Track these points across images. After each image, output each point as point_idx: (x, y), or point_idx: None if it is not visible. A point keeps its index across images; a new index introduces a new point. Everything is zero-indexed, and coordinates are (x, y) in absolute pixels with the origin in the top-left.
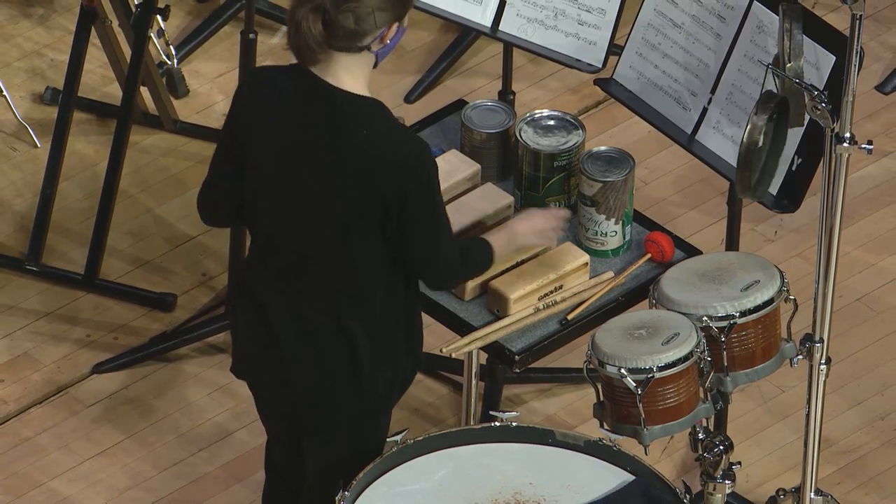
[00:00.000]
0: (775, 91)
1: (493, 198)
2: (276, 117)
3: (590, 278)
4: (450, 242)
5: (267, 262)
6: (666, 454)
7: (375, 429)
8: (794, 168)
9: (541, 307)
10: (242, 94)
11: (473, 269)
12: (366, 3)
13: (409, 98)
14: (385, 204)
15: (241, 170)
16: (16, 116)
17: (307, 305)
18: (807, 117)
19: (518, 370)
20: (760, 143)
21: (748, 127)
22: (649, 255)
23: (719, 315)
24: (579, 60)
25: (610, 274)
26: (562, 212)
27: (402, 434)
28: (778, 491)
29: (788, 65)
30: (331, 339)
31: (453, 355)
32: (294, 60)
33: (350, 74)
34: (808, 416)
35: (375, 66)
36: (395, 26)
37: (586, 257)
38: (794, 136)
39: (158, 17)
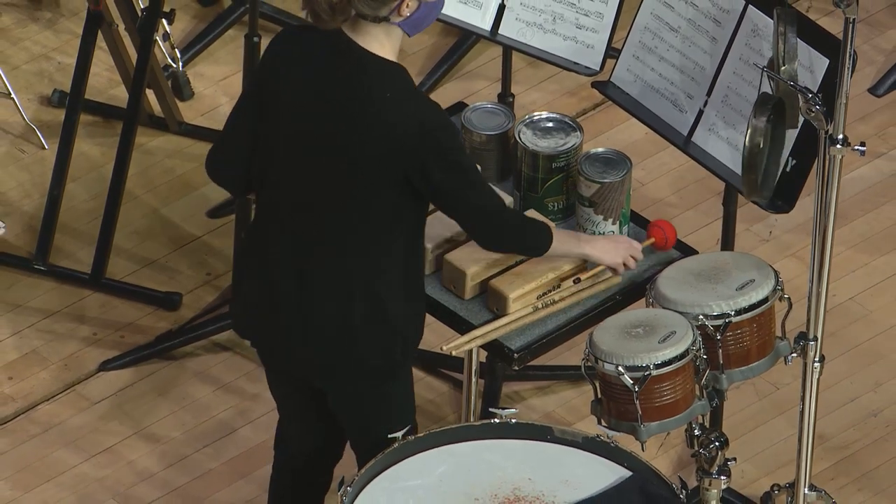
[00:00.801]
0: (771, 93)
1: None
2: (303, 72)
3: (588, 277)
4: (488, 200)
5: (275, 216)
6: (662, 450)
7: (382, 381)
8: (788, 169)
9: (540, 306)
10: (273, 47)
11: (526, 237)
12: None
13: None
14: (403, 165)
15: (257, 123)
16: (24, 118)
17: (309, 260)
18: (801, 119)
19: (517, 368)
20: (762, 145)
21: (749, 130)
22: (652, 240)
23: (715, 314)
24: (577, 63)
25: (607, 273)
26: (639, 248)
27: (404, 431)
28: (772, 486)
29: (783, 68)
30: (327, 292)
31: (454, 353)
32: None
33: (377, 41)
34: (802, 412)
35: (410, 35)
36: (411, 1)
37: None
38: (789, 137)
39: (164, 21)
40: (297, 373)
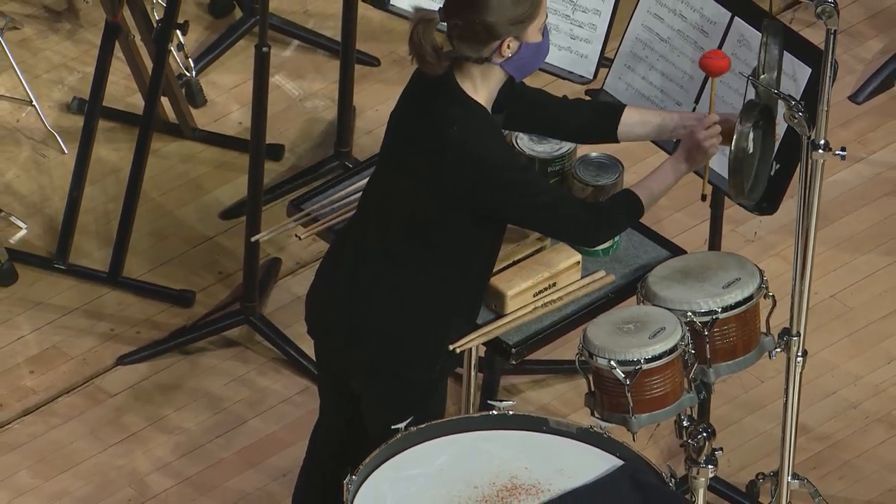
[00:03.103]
0: (756, 100)
1: None
2: (410, 91)
3: (582, 276)
4: (568, 220)
5: (359, 221)
6: (652, 441)
7: (417, 392)
8: (772, 173)
9: (539, 305)
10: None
11: (620, 224)
12: (472, 18)
13: None
14: (466, 199)
15: None
16: (45, 125)
17: (370, 268)
18: (783, 126)
19: (514, 362)
20: (750, 150)
21: (735, 136)
22: (711, 75)
23: (703, 310)
24: (572, 72)
25: (601, 273)
26: (707, 120)
27: (406, 422)
28: (757, 475)
29: (762, 76)
30: (379, 301)
31: (458, 350)
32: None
33: (470, 79)
34: (785, 405)
35: (518, 80)
36: (511, 41)
37: (578, 256)
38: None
39: (178, 32)
40: (338, 368)
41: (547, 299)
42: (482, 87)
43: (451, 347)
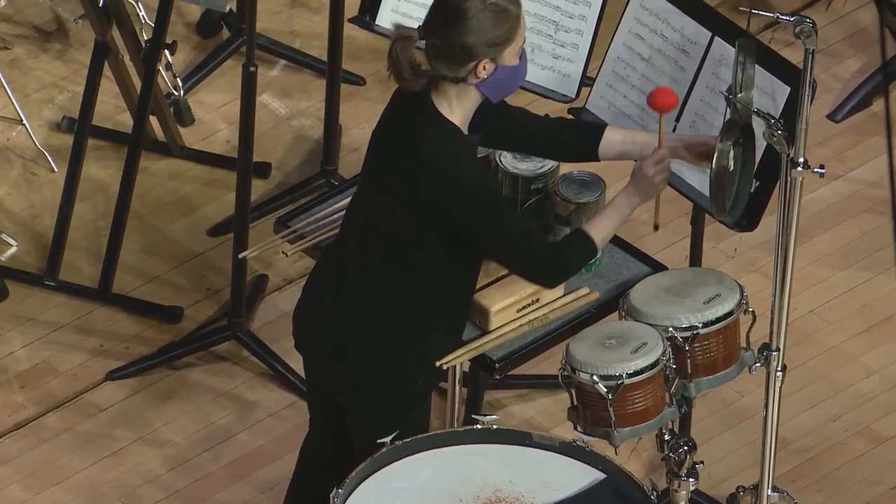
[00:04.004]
0: (736, 119)
1: None
2: (390, 109)
3: (565, 293)
4: (528, 254)
5: (341, 239)
6: (634, 454)
7: (400, 407)
8: (752, 190)
9: (524, 323)
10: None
11: (572, 268)
12: (450, 38)
13: None
14: (437, 217)
15: None
16: (35, 143)
17: (351, 284)
18: (763, 144)
19: (498, 377)
20: (731, 168)
21: (716, 154)
22: (659, 116)
23: (684, 326)
24: (554, 91)
25: (585, 289)
26: (658, 158)
27: (392, 436)
28: (738, 488)
29: (739, 95)
30: (361, 317)
31: (445, 366)
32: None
33: (446, 99)
34: (765, 419)
35: (493, 101)
36: (487, 63)
37: None
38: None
39: (166, 52)
40: (323, 384)
41: (531, 317)
42: (457, 107)
43: (438, 363)
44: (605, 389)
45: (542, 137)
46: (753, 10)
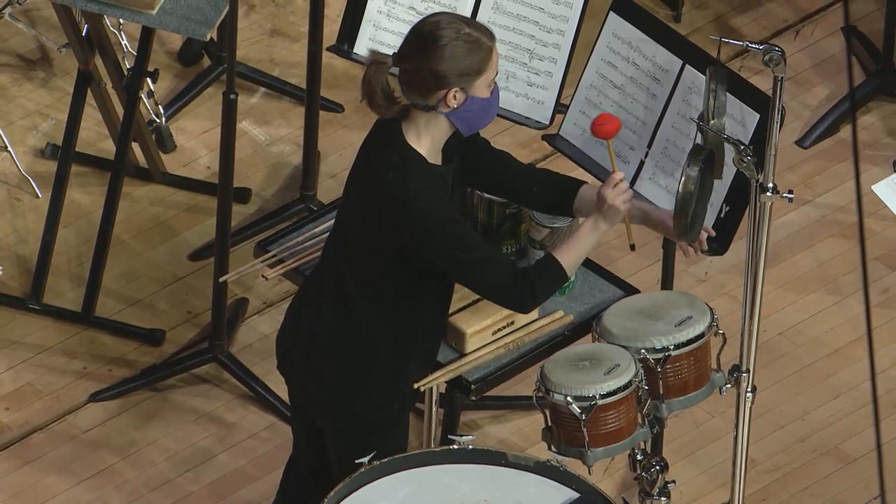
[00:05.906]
0: (703, 145)
1: None
2: (366, 146)
3: (540, 316)
4: (493, 280)
5: (322, 264)
6: (607, 474)
7: (376, 431)
8: (722, 215)
9: (500, 346)
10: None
11: (539, 296)
12: (422, 65)
13: None
14: (398, 244)
15: None
16: (20, 170)
17: (326, 308)
18: (733, 169)
19: (474, 398)
20: (694, 192)
21: (682, 178)
22: (606, 141)
23: (656, 348)
24: (528, 118)
25: (560, 313)
26: (612, 180)
27: (370, 457)
28: None
29: (712, 122)
30: (334, 341)
31: (422, 389)
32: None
33: (414, 126)
34: (735, 438)
35: (465, 135)
36: (458, 92)
37: None
38: (723, 186)
39: (148, 80)
40: (304, 406)
41: (507, 339)
42: (425, 136)
43: (415, 386)
44: (579, 410)
45: (519, 185)
46: (724, 39)
